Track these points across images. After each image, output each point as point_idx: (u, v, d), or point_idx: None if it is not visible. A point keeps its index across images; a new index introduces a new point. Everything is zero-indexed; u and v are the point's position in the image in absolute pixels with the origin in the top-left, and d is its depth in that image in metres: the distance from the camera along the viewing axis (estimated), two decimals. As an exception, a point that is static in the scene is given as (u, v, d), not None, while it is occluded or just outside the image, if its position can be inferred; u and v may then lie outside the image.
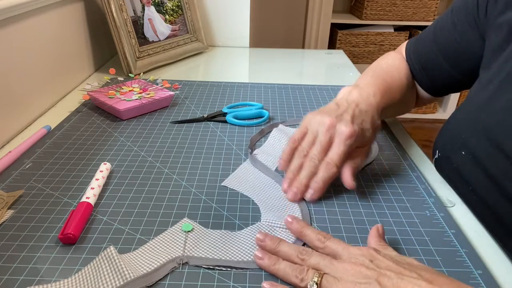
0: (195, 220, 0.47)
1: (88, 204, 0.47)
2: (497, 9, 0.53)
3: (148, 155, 0.61)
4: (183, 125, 0.70)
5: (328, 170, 0.50)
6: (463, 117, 0.57)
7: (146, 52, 0.96)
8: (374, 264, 0.37)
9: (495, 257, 0.43)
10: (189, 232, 0.45)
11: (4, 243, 0.42)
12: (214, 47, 1.22)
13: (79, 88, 0.87)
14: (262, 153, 0.62)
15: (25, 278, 0.38)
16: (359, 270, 0.36)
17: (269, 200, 0.51)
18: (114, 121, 0.71)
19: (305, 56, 1.22)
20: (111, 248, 0.40)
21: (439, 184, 0.56)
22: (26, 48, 0.69)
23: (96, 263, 0.39)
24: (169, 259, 0.41)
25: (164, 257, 0.41)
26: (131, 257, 0.41)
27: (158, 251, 0.42)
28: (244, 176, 0.56)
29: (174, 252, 0.42)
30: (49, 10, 0.76)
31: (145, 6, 0.97)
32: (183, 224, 0.46)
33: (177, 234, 0.44)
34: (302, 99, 0.83)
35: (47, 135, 0.65)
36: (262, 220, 0.47)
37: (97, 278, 0.38)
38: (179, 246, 0.43)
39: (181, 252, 0.42)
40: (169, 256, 0.41)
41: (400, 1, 2.24)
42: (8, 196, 0.49)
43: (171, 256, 0.41)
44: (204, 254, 0.42)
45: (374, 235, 0.42)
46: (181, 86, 0.87)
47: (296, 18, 2.33)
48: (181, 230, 0.45)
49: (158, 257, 0.41)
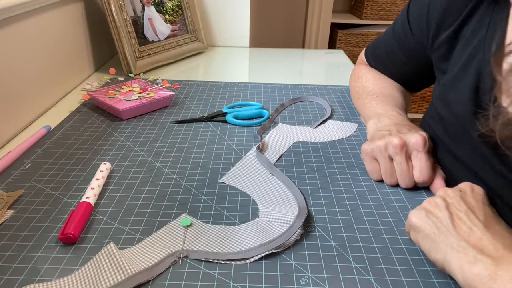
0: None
1: (88, 204, 0.47)
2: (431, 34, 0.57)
3: (148, 155, 0.61)
4: (183, 125, 0.70)
5: (425, 160, 0.52)
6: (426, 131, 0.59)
7: (146, 52, 0.96)
8: (459, 203, 0.42)
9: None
10: (188, 227, 0.45)
11: (4, 243, 0.43)
12: (214, 47, 1.22)
13: (79, 88, 0.87)
14: (263, 145, 0.63)
15: (25, 278, 0.38)
16: (448, 201, 0.42)
17: (267, 195, 0.51)
18: (114, 121, 0.71)
19: (305, 56, 1.22)
20: (111, 245, 0.41)
21: (439, 184, 0.56)
22: (26, 48, 0.69)
23: (97, 260, 0.40)
24: (169, 253, 0.41)
25: (164, 251, 0.41)
26: (131, 252, 0.41)
27: (158, 245, 0.42)
28: (242, 172, 0.56)
29: (174, 247, 0.42)
30: (49, 10, 0.76)
31: (145, 6, 0.97)
32: (182, 219, 0.46)
33: (176, 228, 0.45)
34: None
35: (47, 135, 0.65)
36: (260, 216, 0.47)
37: (98, 274, 0.38)
38: (178, 240, 0.43)
39: (181, 246, 0.42)
40: (169, 251, 0.41)
41: (400, 1, 2.24)
42: (8, 196, 0.49)
43: (171, 251, 0.41)
44: (204, 247, 0.42)
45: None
46: (181, 86, 0.87)
47: (296, 18, 2.32)
48: (180, 225, 0.45)
49: (158, 252, 0.41)
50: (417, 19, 0.60)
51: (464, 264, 0.35)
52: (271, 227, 0.45)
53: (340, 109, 0.78)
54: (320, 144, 0.65)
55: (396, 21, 0.68)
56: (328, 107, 0.77)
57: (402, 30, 0.65)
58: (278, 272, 0.40)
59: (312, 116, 0.75)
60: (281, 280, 0.39)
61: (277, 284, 0.39)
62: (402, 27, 0.64)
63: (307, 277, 0.40)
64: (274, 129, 0.69)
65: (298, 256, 0.42)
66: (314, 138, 0.66)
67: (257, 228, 0.45)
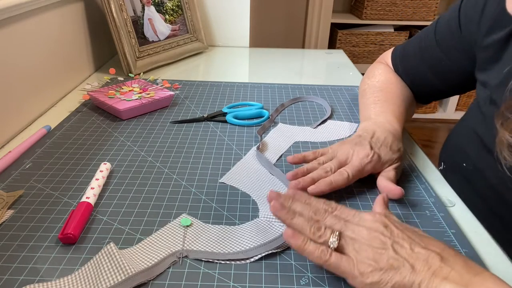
0: (195, 220, 0.47)
1: (88, 204, 0.47)
2: (481, 34, 0.56)
3: (148, 155, 0.61)
4: (183, 125, 0.70)
5: (340, 174, 0.51)
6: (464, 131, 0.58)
7: (146, 52, 0.96)
8: (387, 230, 0.38)
9: (494, 257, 0.43)
10: (188, 227, 0.45)
11: (4, 243, 0.43)
12: (214, 47, 1.22)
13: (79, 88, 0.87)
14: (263, 146, 0.63)
15: (25, 278, 0.38)
16: (375, 236, 0.37)
17: (266, 195, 0.51)
18: (114, 121, 0.71)
19: (305, 56, 1.22)
20: (111, 245, 0.41)
21: (439, 184, 0.56)
22: (26, 48, 0.69)
23: (97, 260, 0.40)
24: (169, 253, 0.41)
25: (164, 251, 0.41)
26: (131, 252, 0.41)
27: (158, 245, 0.42)
28: (242, 172, 0.56)
29: (174, 246, 0.42)
30: (49, 10, 0.76)
31: (145, 6, 0.97)
32: (181, 219, 0.46)
33: (176, 228, 0.45)
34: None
35: (47, 135, 0.65)
36: (260, 216, 0.47)
37: (98, 274, 0.38)
38: (178, 240, 0.43)
39: (181, 246, 0.42)
40: (169, 251, 0.41)
41: (400, 1, 2.24)
42: (8, 196, 0.49)
43: (171, 250, 0.41)
44: (203, 247, 0.42)
45: (381, 203, 0.43)
46: (181, 86, 0.87)
47: (296, 18, 2.32)
48: (180, 225, 0.45)
49: (158, 252, 0.41)
50: (469, 15, 0.59)
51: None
52: (271, 227, 0.45)
53: (340, 109, 0.78)
54: (320, 144, 0.65)
55: (440, 19, 0.66)
56: (328, 107, 0.77)
57: (447, 27, 0.63)
58: (278, 272, 0.40)
59: (312, 116, 0.75)
60: (281, 280, 0.39)
61: (277, 284, 0.39)
62: (448, 23, 0.63)
63: (307, 277, 0.40)
64: (274, 129, 0.69)
65: (298, 256, 0.42)
66: (314, 138, 0.66)
67: (257, 228, 0.45)
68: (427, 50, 0.67)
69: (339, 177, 0.50)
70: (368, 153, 0.52)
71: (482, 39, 0.56)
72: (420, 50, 0.68)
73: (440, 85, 0.67)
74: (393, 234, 0.38)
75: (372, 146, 0.54)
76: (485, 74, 0.56)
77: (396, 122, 0.61)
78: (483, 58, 0.56)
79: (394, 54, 0.74)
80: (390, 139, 0.56)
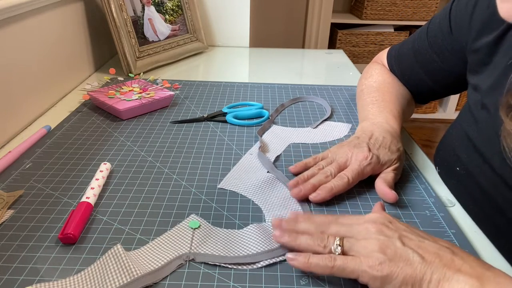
0: (195, 220, 0.47)
1: (88, 204, 0.47)
2: (471, 37, 0.56)
3: (148, 155, 0.61)
4: (183, 125, 0.70)
5: (340, 179, 0.51)
6: (455, 133, 0.59)
7: (146, 52, 0.96)
8: (393, 225, 0.38)
9: (494, 256, 0.43)
10: (196, 229, 0.45)
11: (4, 243, 0.43)
12: (214, 47, 1.22)
13: (79, 88, 0.87)
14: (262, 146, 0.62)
15: (25, 278, 0.38)
16: (381, 228, 0.38)
17: (269, 199, 0.51)
18: (114, 121, 0.71)
19: (305, 56, 1.22)
20: (118, 246, 0.41)
21: (439, 184, 0.56)
22: (26, 48, 0.69)
23: (103, 261, 0.40)
24: (175, 256, 0.41)
25: (170, 254, 0.41)
26: (138, 255, 0.41)
27: (165, 248, 0.42)
28: (240, 176, 0.56)
29: (181, 249, 0.42)
30: (49, 10, 0.76)
31: (145, 6, 0.97)
32: (190, 221, 0.46)
33: (184, 230, 0.45)
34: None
35: (47, 135, 0.65)
36: (267, 220, 0.47)
37: (104, 276, 0.38)
38: (186, 243, 0.43)
39: (188, 249, 0.42)
40: (175, 253, 0.41)
41: (400, 1, 2.24)
42: (8, 196, 0.49)
43: (177, 253, 0.41)
44: (211, 251, 0.42)
45: (379, 210, 0.44)
46: (181, 86, 0.87)
47: (296, 18, 2.32)
48: (188, 227, 0.45)
49: (165, 254, 0.41)
50: (459, 17, 0.59)
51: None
52: None
53: (340, 109, 0.78)
54: (320, 144, 0.65)
55: (432, 20, 0.66)
56: (328, 107, 0.77)
57: (439, 28, 0.63)
58: (278, 272, 0.40)
59: (312, 116, 0.75)
60: (281, 280, 0.39)
61: (277, 284, 0.39)
62: (439, 25, 0.63)
63: (307, 277, 0.40)
64: (268, 131, 0.69)
65: (298, 256, 0.42)
66: (309, 140, 0.66)
67: (264, 233, 0.44)
68: (420, 51, 0.67)
69: (340, 182, 0.50)
70: (366, 156, 0.52)
71: (473, 42, 0.56)
72: (413, 51, 0.68)
73: (434, 86, 0.67)
74: (399, 228, 0.38)
75: (370, 148, 0.54)
76: (476, 77, 0.56)
77: (394, 122, 0.60)
78: (474, 61, 0.57)
79: (390, 54, 0.75)
80: (388, 139, 0.56)
